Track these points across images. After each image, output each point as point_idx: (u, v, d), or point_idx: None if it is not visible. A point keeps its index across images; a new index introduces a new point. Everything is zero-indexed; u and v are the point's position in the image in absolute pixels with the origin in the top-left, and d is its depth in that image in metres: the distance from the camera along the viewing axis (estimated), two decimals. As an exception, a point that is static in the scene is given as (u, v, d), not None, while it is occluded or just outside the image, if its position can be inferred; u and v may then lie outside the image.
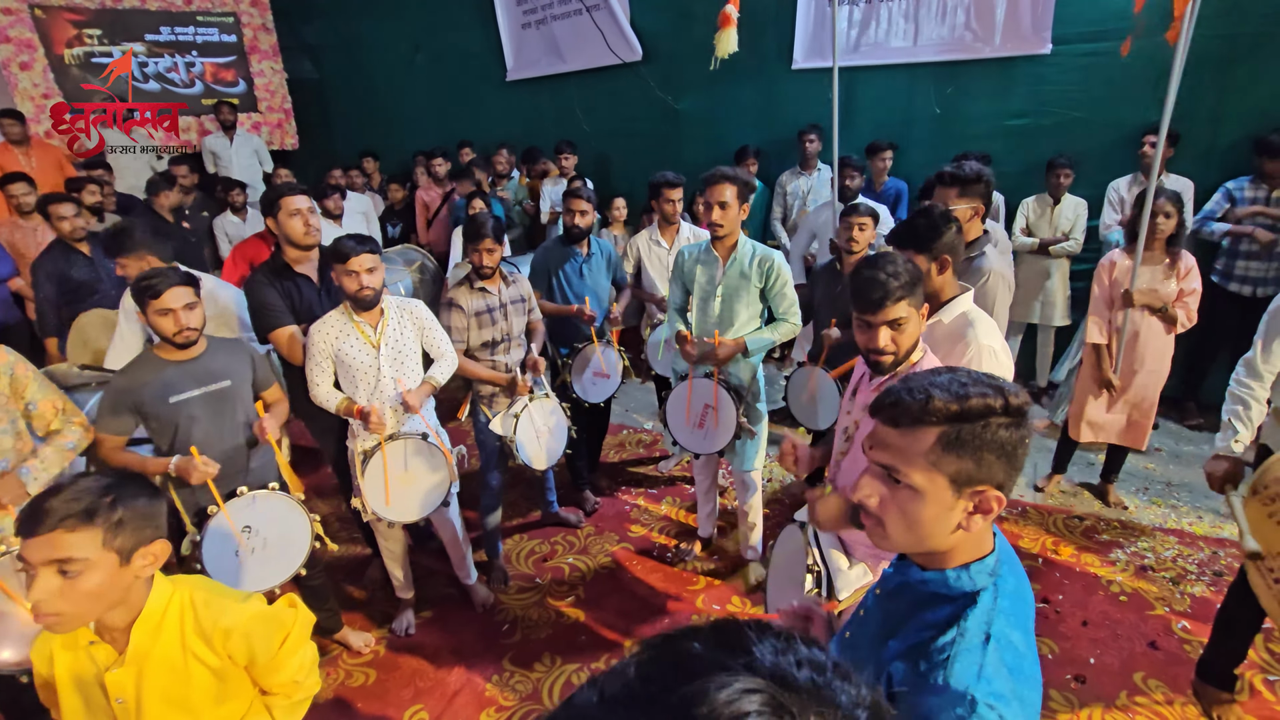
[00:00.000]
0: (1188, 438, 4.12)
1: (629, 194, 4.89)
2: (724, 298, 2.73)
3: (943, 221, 1.94)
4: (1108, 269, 3.17)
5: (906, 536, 0.95)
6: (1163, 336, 3.13)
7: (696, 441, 2.88)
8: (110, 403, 2.14)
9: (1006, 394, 0.91)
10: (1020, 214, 4.37)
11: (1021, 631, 0.93)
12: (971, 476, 0.91)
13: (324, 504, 3.77)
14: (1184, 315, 3.07)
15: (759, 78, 5.24)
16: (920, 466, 0.91)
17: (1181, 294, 3.07)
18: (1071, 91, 4.30)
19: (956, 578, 0.94)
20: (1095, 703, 2.38)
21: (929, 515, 0.92)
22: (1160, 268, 3.10)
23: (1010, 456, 0.91)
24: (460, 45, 6.61)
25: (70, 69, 6.37)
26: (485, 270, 2.79)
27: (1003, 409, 0.90)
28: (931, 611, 0.95)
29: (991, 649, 0.87)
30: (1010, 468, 0.92)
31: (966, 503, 0.92)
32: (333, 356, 2.48)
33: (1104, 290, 3.18)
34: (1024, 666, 0.89)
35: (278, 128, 7.28)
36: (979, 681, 0.84)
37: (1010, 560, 1.00)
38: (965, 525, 0.93)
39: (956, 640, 0.88)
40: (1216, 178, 3.95)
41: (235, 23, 6.88)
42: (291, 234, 2.60)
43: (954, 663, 0.86)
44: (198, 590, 1.45)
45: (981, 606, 0.92)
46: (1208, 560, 3.06)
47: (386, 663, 2.72)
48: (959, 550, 0.95)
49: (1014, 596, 0.95)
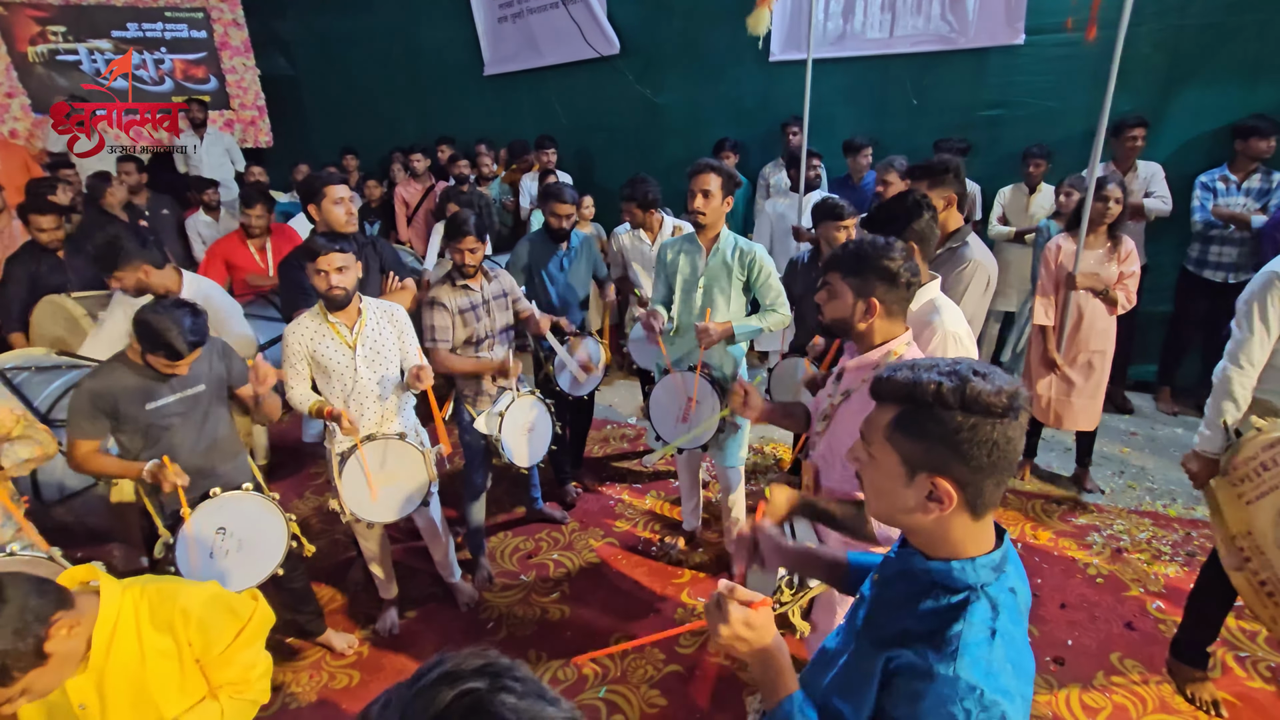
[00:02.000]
0: (1163, 421, 4.20)
1: (609, 189, 4.88)
2: (705, 288, 2.73)
3: (915, 208, 1.95)
4: (1053, 252, 3.26)
5: (876, 504, 1.01)
6: (1106, 318, 3.23)
7: (680, 436, 2.88)
8: (85, 405, 2.08)
9: (967, 387, 0.88)
10: (996, 203, 4.42)
11: (1021, 628, 0.94)
12: (920, 461, 0.92)
13: (304, 504, 3.73)
14: (1124, 297, 3.16)
15: (737, 70, 5.24)
16: (878, 440, 0.97)
17: (1122, 276, 3.17)
18: (1045, 82, 4.34)
19: (961, 570, 0.94)
20: (1073, 683, 2.42)
21: (887, 488, 0.97)
22: (1103, 251, 3.19)
23: (960, 451, 0.89)
24: (436, 40, 6.54)
25: (34, 67, 6.22)
26: (468, 269, 2.77)
27: (957, 401, 0.89)
28: (932, 600, 0.95)
29: (997, 644, 0.88)
30: (963, 463, 0.90)
31: (920, 488, 0.93)
32: (309, 358, 2.45)
33: (1049, 273, 3.27)
34: (1024, 663, 0.90)
35: (251, 125, 7.16)
36: (988, 676, 0.85)
37: (1014, 559, 1.01)
38: (923, 510, 0.93)
39: (964, 632, 0.89)
40: (1191, 166, 4.00)
41: (205, 18, 6.74)
42: (333, 221, 2.79)
43: (963, 655, 0.87)
44: (150, 583, 1.45)
45: (986, 601, 0.92)
46: (1181, 541, 3.12)
47: (370, 664, 2.70)
48: (964, 542, 0.95)
49: (1016, 594, 0.96)
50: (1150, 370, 4.44)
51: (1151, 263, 4.13)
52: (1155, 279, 4.14)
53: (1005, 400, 0.88)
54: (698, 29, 5.30)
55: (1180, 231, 4.04)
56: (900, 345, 1.67)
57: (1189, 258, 4.04)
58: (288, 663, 2.70)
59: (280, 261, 2.97)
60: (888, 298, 1.61)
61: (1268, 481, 1.98)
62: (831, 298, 1.68)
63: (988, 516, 0.96)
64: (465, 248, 2.72)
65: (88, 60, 6.41)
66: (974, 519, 0.94)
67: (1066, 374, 3.29)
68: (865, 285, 1.61)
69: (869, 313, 1.62)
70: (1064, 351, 3.27)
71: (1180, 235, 4.05)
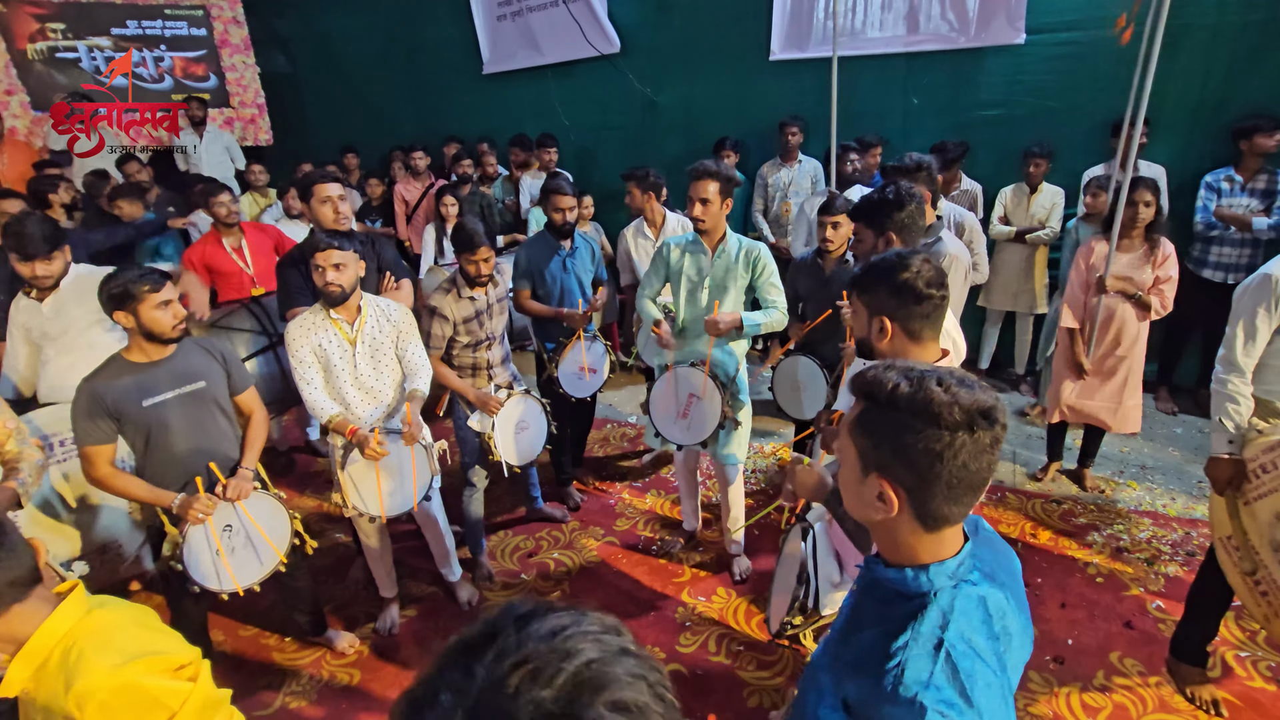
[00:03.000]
0: (1162, 421, 4.20)
1: (609, 188, 4.88)
2: (711, 289, 2.75)
3: (898, 201, 1.95)
4: (1085, 254, 3.21)
5: (845, 498, 1.00)
6: (1136, 322, 3.17)
7: (680, 432, 2.89)
8: (84, 408, 2.07)
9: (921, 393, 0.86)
10: (998, 203, 4.42)
11: (986, 637, 0.90)
12: (870, 459, 0.92)
13: (305, 503, 3.73)
14: (1158, 303, 3.10)
15: (737, 69, 5.24)
16: (844, 434, 0.98)
17: (1158, 281, 3.10)
18: (1046, 81, 4.34)
19: (914, 577, 0.92)
20: (1073, 683, 2.43)
21: (850, 482, 0.97)
22: (1138, 255, 3.13)
23: (903, 456, 0.88)
24: (436, 38, 6.53)
25: (34, 64, 6.21)
26: (481, 279, 2.77)
27: (906, 404, 0.87)
28: (890, 610, 0.93)
29: (943, 655, 0.84)
30: (907, 469, 0.88)
31: (871, 486, 0.93)
32: (315, 353, 2.45)
33: (1080, 275, 3.22)
34: (983, 674, 0.85)
35: (251, 123, 7.14)
36: (928, 689, 0.82)
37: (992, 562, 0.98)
38: (874, 510, 0.93)
39: (910, 644, 0.86)
40: (1195, 166, 4.00)
41: (205, 16, 6.73)
42: (322, 219, 2.74)
43: (905, 669, 0.84)
44: (91, 634, 1.18)
45: (936, 610, 0.89)
46: (1181, 541, 3.13)
47: (370, 663, 2.70)
48: (918, 549, 0.93)
49: (979, 601, 0.92)
50: (1150, 370, 4.43)
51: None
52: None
53: (958, 415, 0.85)
54: (698, 28, 5.29)
55: (1183, 231, 4.03)
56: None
57: (1190, 257, 4.03)
58: (288, 661, 2.70)
59: (278, 261, 2.95)
60: (901, 315, 1.49)
61: (1267, 484, 1.99)
62: (855, 316, 1.61)
63: (945, 530, 0.92)
64: (479, 259, 2.73)
65: (87, 58, 6.40)
66: (925, 531, 0.92)
67: (1096, 378, 3.24)
68: (876, 302, 1.52)
69: (883, 333, 1.51)
70: (1092, 355, 3.22)
71: (1183, 235, 4.05)
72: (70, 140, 5.10)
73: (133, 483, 2.15)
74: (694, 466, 3.17)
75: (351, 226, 2.87)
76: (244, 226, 3.82)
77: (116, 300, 2.05)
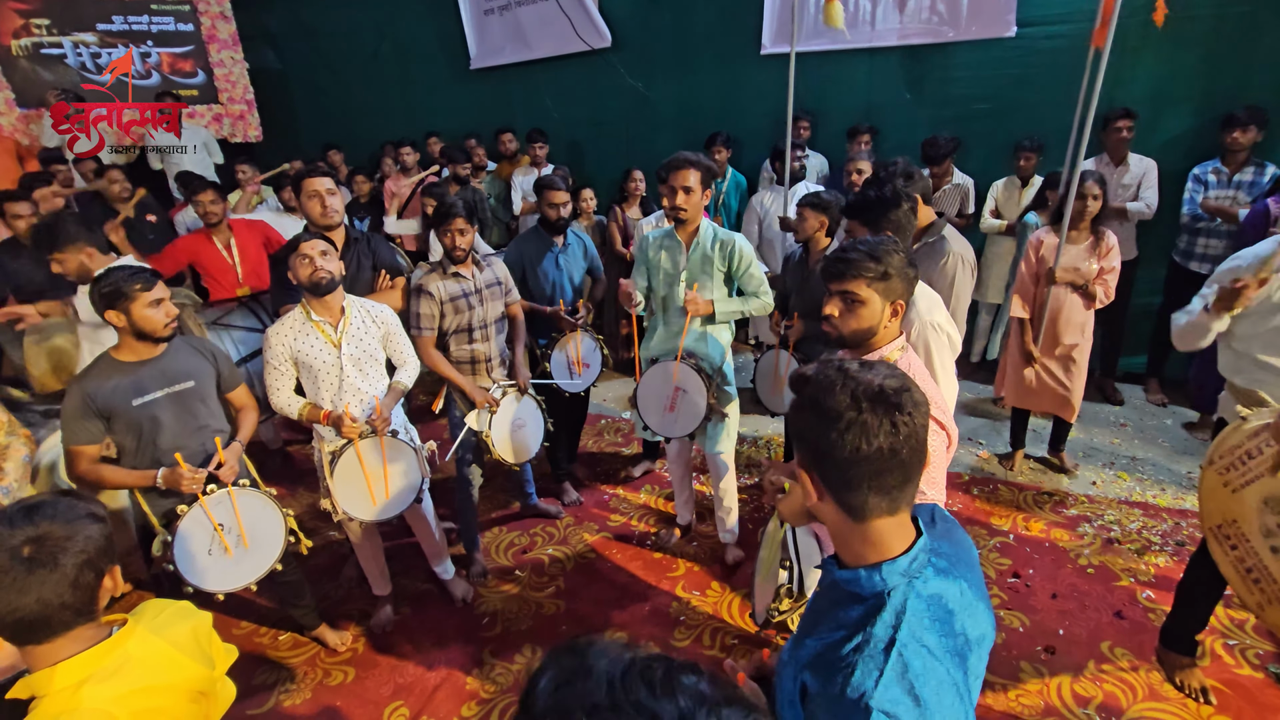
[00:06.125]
0: (1151, 412, 4.23)
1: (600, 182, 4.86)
2: (688, 283, 2.75)
3: (894, 198, 1.95)
4: (1035, 246, 3.30)
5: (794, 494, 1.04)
6: (1083, 311, 3.28)
7: (668, 425, 2.89)
8: (76, 407, 2.06)
9: (818, 380, 0.93)
10: (990, 196, 4.43)
11: (941, 635, 0.88)
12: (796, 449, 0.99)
13: (298, 501, 3.72)
14: (1103, 292, 3.21)
15: (729, 64, 5.22)
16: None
17: (1102, 272, 3.20)
18: (1037, 74, 4.34)
19: (868, 577, 0.91)
20: (1064, 672, 2.45)
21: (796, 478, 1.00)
22: (1084, 246, 3.23)
23: (807, 440, 0.94)
24: (424, 33, 6.49)
25: (19, 60, 6.14)
26: (458, 253, 2.74)
27: (810, 391, 0.93)
28: (845, 611, 0.93)
29: (894, 655, 0.84)
30: (811, 454, 0.95)
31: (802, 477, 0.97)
32: (293, 359, 2.42)
33: (1030, 267, 3.32)
34: (935, 672, 0.85)
35: (240, 120, 7.08)
36: (876, 689, 0.81)
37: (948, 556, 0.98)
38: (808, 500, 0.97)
39: (861, 645, 0.86)
40: (1182, 160, 4.02)
41: (192, 11, 6.65)
42: (310, 215, 2.77)
43: (854, 670, 0.84)
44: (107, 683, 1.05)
45: (889, 610, 0.88)
46: (1170, 531, 3.15)
47: (365, 660, 2.69)
48: (864, 547, 0.93)
49: (934, 599, 0.91)
50: (1140, 362, 4.47)
51: (1142, 255, 4.15)
52: (1146, 272, 4.17)
53: (846, 395, 0.88)
54: (690, 22, 5.28)
55: (1172, 224, 4.05)
56: (894, 351, 1.65)
57: (1177, 249, 4.06)
58: (281, 659, 2.69)
59: (271, 256, 2.94)
60: (906, 296, 1.64)
61: (1253, 469, 2.00)
62: (857, 306, 1.62)
63: (877, 522, 0.92)
64: (455, 229, 2.69)
65: (72, 54, 6.32)
66: (854, 522, 0.92)
67: (1045, 365, 3.36)
68: (891, 288, 1.61)
69: (895, 315, 1.63)
70: (1041, 344, 3.33)
71: (1172, 228, 4.07)
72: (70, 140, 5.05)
73: (114, 471, 2.13)
74: (688, 459, 3.18)
75: (342, 221, 2.86)
76: (233, 224, 3.80)
77: (108, 299, 2.03)
